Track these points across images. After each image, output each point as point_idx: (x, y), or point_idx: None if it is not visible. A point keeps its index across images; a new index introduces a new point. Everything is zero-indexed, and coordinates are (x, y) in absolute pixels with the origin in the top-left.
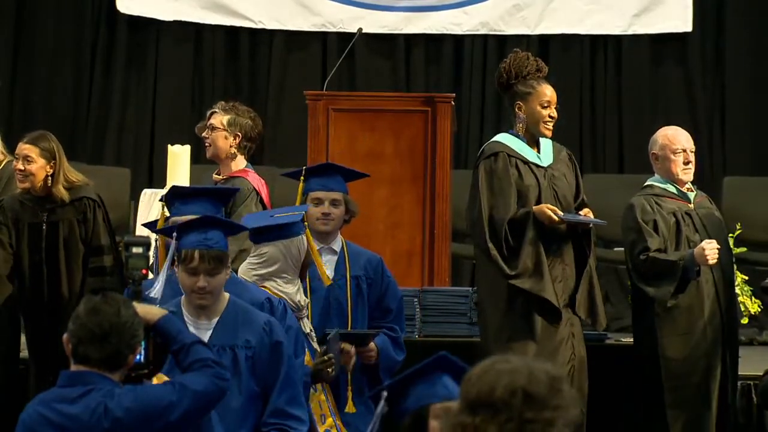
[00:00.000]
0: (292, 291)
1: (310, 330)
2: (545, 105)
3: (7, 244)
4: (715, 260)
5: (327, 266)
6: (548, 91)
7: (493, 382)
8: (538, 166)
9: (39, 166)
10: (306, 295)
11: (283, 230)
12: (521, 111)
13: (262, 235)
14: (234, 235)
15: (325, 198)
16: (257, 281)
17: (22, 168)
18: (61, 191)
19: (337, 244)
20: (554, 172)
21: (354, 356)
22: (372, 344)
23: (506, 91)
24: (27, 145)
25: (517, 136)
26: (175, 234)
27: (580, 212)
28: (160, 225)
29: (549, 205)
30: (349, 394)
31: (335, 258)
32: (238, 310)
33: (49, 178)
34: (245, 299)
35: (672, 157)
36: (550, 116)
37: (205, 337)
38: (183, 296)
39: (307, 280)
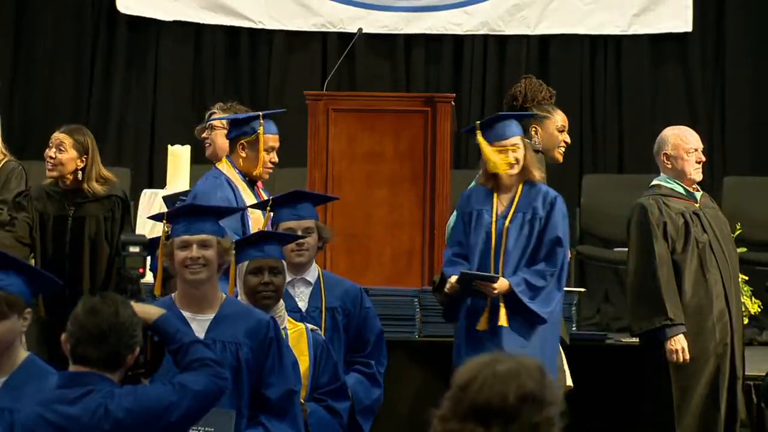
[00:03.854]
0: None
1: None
2: (563, 130)
3: (27, 237)
4: (675, 357)
5: (301, 298)
6: (562, 117)
7: (503, 389)
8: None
9: (70, 157)
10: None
11: None
12: (537, 135)
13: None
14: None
15: (297, 227)
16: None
17: (53, 156)
18: (94, 186)
19: (312, 275)
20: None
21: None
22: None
23: None
24: (62, 134)
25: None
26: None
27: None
28: (161, 241)
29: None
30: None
31: (310, 289)
32: (236, 306)
33: (80, 172)
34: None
35: (685, 156)
36: (564, 141)
37: (202, 330)
38: (176, 292)
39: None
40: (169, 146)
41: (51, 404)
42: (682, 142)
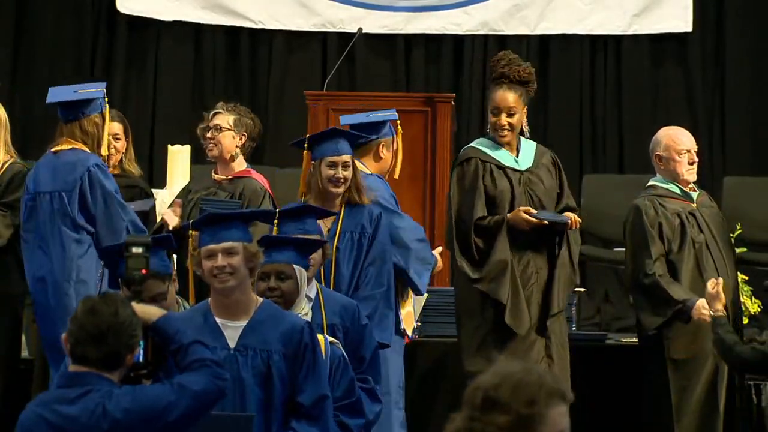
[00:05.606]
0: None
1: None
2: (494, 112)
3: None
4: (705, 318)
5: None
6: (497, 98)
7: (475, 387)
8: (514, 170)
9: (123, 142)
10: None
11: None
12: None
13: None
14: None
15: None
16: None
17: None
18: (134, 166)
19: (312, 291)
20: (531, 176)
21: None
22: None
23: None
24: (116, 124)
25: (493, 139)
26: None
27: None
28: (190, 251)
29: (522, 208)
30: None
31: (310, 305)
32: (270, 311)
33: (122, 154)
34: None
35: (677, 158)
36: (498, 124)
37: (235, 336)
38: (210, 298)
39: None
40: (169, 146)
41: (50, 404)
42: (674, 143)
